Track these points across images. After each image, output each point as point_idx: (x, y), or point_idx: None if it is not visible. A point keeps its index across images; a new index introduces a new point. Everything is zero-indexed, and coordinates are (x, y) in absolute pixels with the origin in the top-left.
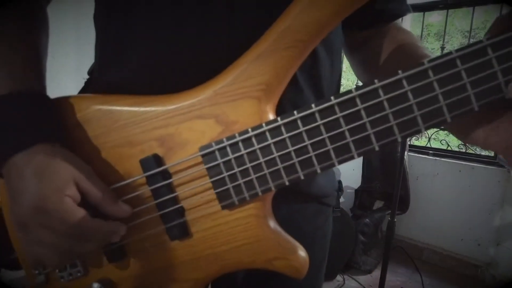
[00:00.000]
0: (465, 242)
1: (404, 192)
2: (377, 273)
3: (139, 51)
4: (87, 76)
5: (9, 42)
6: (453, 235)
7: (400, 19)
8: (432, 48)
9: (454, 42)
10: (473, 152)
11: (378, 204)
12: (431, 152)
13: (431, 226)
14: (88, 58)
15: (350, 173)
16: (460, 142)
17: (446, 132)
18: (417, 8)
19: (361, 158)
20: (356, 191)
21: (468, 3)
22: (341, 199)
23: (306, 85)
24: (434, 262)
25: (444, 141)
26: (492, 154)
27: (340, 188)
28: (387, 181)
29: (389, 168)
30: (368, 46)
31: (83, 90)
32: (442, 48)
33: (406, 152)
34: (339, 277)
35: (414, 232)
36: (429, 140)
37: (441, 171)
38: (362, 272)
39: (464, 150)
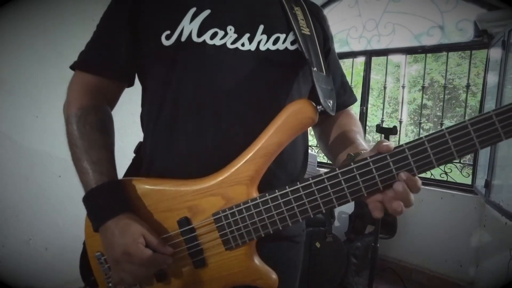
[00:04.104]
0: (449, 263)
1: (391, 217)
2: None
3: (179, 151)
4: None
5: (98, 148)
6: (438, 257)
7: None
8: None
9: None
10: (453, 181)
11: (369, 228)
12: None
13: (418, 248)
14: None
15: None
16: (442, 171)
17: None
18: (400, 51)
19: None
20: (350, 216)
21: (443, 49)
22: (336, 224)
23: (277, 169)
24: (422, 282)
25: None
26: (469, 182)
27: (332, 215)
28: None
29: None
30: (323, 127)
31: (132, 167)
32: (423, 87)
33: None
34: None
35: (403, 254)
36: None
37: (425, 198)
38: None
39: (445, 179)
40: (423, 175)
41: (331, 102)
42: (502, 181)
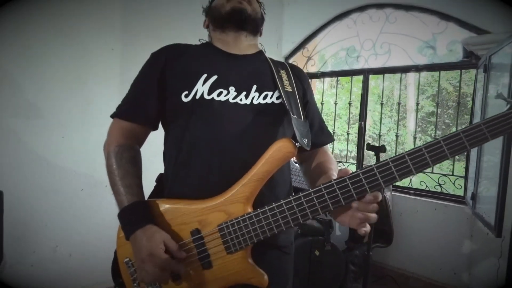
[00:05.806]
0: (443, 271)
1: (388, 227)
2: None
3: (193, 180)
4: None
5: (130, 176)
6: (433, 265)
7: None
8: None
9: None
10: (447, 192)
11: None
12: (411, 192)
13: (415, 256)
14: None
15: None
16: (436, 183)
17: (425, 174)
18: (395, 70)
19: None
20: None
21: (435, 68)
22: (338, 233)
23: (267, 192)
24: None
25: (423, 182)
26: (461, 194)
27: (331, 226)
28: None
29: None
30: (306, 164)
31: (154, 192)
32: (417, 103)
33: (390, 192)
34: None
35: (401, 262)
36: (410, 181)
37: (420, 208)
38: None
39: (439, 190)
40: (418, 186)
41: (306, 140)
42: (484, 193)
